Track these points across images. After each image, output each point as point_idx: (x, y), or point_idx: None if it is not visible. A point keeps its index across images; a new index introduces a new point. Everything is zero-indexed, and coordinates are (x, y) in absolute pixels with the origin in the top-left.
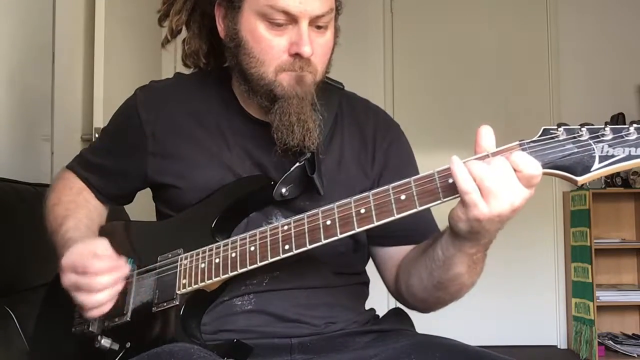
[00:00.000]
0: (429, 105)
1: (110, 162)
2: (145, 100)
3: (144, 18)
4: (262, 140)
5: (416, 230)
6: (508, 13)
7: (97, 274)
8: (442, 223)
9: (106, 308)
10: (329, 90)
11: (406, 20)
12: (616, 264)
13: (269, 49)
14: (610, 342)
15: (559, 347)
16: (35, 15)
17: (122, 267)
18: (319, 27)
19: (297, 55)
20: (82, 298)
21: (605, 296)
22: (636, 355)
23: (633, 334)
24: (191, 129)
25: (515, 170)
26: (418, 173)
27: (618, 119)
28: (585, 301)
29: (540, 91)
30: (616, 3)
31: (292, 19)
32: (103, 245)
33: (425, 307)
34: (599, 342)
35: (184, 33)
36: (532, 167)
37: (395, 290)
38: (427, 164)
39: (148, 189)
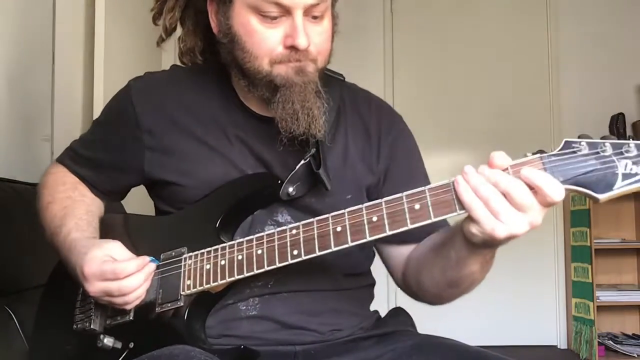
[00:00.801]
0: (429, 105)
1: (104, 156)
2: (140, 92)
3: (144, 18)
4: (264, 136)
5: (425, 230)
6: (508, 13)
7: (127, 277)
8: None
9: (137, 302)
10: (330, 82)
11: (406, 20)
12: (616, 264)
13: (262, 42)
14: (610, 342)
15: (559, 347)
16: (35, 15)
17: (149, 266)
18: (314, 17)
19: (292, 48)
20: (114, 300)
21: (605, 296)
22: (636, 355)
23: (633, 334)
24: (191, 123)
25: (537, 193)
26: (423, 167)
27: (618, 119)
28: (585, 301)
29: (540, 91)
30: (616, 3)
31: (285, 11)
32: (118, 249)
33: (436, 301)
34: (599, 342)
35: (179, 31)
36: (558, 193)
37: (404, 286)
38: (427, 163)
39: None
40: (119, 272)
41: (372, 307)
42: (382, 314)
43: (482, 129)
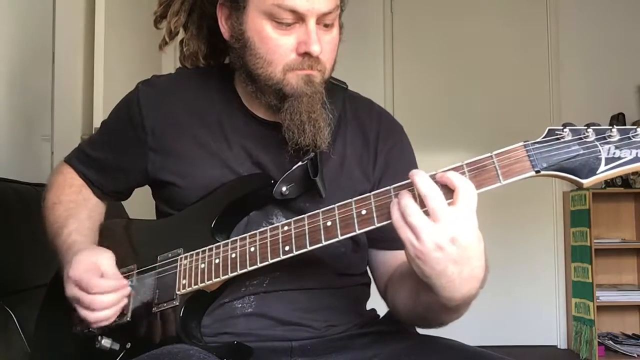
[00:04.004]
0: (429, 105)
1: (110, 157)
2: (147, 95)
3: (144, 18)
4: (264, 140)
5: None
6: (508, 13)
7: (100, 294)
8: None
9: (105, 324)
10: (333, 90)
11: (406, 20)
12: (616, 264)
13: (276, 48)
14: (610, 342)
15: (559, 347)
16: (35, 15)
17: (125, 287)
18: (325, 26)
19: (305, 55)
20: (83, 312)
21: (605, 296)
22: (636, 355)
23: (633, 334)
24: (192, 126)
25: (454, 192)
26: None
27: (618, 119)
28: (585, 301)
29: (540, 91)
30: (616, 3)
31: (300, 18)
32: (107, 261)
33: (412, 325)
34: (599, 342)
35: (181, 34)
36: (469, 187)
37: (384, 299)
38: (427, 164)
39: (147, 186)
40: (91, 287)
41: (373, 308)
42: (382, 314)
43: (482, 129)
